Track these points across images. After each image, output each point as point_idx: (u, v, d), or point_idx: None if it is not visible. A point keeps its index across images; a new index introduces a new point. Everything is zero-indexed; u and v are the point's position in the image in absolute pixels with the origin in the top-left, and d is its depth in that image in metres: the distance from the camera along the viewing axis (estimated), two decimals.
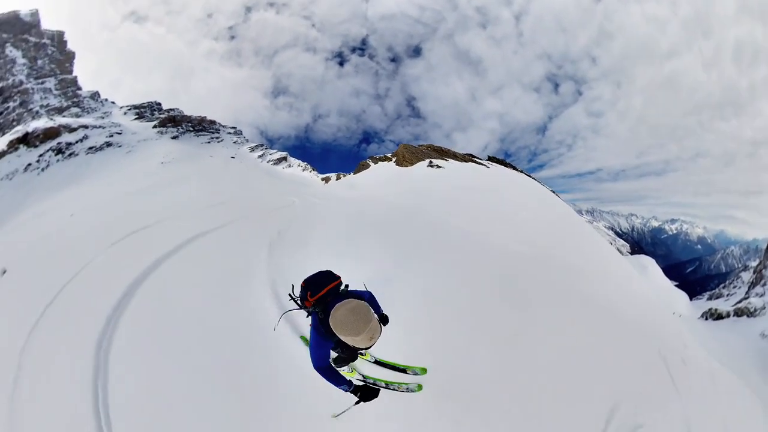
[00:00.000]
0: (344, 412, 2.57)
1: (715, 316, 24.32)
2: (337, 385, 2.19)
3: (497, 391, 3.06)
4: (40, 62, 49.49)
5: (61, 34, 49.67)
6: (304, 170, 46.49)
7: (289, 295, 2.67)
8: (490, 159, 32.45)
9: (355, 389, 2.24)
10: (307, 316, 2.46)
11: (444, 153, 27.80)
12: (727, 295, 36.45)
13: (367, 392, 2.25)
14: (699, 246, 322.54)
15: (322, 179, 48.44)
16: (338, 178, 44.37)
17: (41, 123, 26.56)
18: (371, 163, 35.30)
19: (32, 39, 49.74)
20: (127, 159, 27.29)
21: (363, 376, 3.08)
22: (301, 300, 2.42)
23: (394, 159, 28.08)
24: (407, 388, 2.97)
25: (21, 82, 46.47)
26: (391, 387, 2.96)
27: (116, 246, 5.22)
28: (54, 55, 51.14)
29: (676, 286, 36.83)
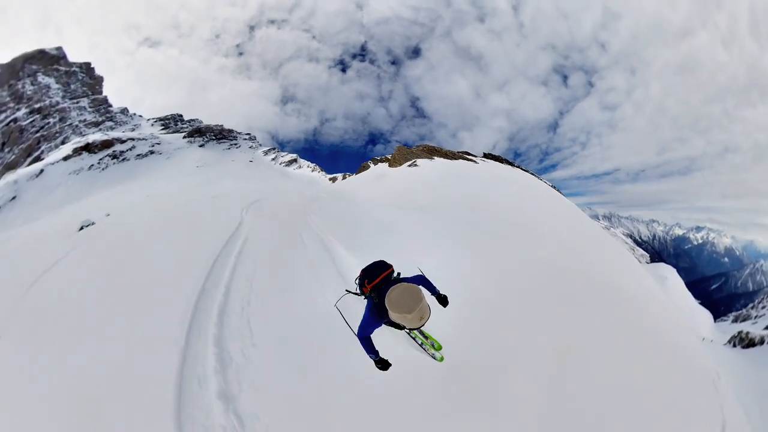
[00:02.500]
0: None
1: (746, 342, 19.27)
2: (368, 353, 2.53)
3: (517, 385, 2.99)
4: (72, 86, 55.29)
5: (88, 63, 55.58)
6: (313, 171, 51.41)
7: (355, 285, 2.98)
8: (486, 156, 32.80)
9: (378, 360, 2.54)
10: (364, 299, 2.78)
11: (436, 152, 29.57)
12: (756, 317, 31.79)
13: (383, 365, 2.54)
14: (726, 259, 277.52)
15: (330, 179, 52.76)
16: (344, 177, 47.72)
17: (98, 136, 32.00)
18: (371, 165, 38.31)
19: (62, 68, 55.57)
20: (167, 163, 32.53)
21: (407, 331, 3.26)
22: (359, 287, 2.77)
23: (387, 161, 31.72)
24: (433, 355, 3.26)
25: (57, 103, 52.20)
26: (424, 347, 3.30)
27: (217, 206, 9.07)
28: (84, 80, 56.95)
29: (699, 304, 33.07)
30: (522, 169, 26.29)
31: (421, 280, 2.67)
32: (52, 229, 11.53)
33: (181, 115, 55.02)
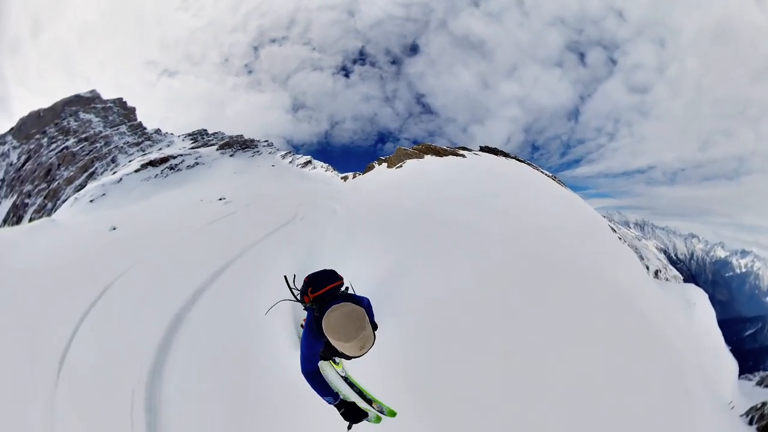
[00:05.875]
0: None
1: (765, 423, 10.06)
2: (322, 396, 2.10)
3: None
4: (110, 118, 63.86)
5: (120, 98, 64.50)
6: (326, 171, 58.23)
7: (287, 283, 2.70)
8: (482, 149, 32.62)
9: (340, 404, 2.12)
10: (304, 309, 2.44)
11: (431, 150, 30.19)
12: None
13: (351, 411, 2.11)
14: None
15: (341, 177, 59.46)
16: (354, 176, 53.43)
17: (157, 154, 39.91)
18: (376, 165, 40.68)
19: (99, 105, 64.19)
20: (209, 171, 40.07)
21: (345, 374, 2.95)
22: (301, 294, 2.43)
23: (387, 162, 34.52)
24: (380, 408, 2.76)
25: (100, 132, 60.64)
26: (367, 399, 2.84)
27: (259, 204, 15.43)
28: (119, 111, 65.45)
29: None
30: (519, 160, 25.08)
31: (368, 303, 2.46)
32: (191, 201, 18.34)
33: (205, 130, 62.82)
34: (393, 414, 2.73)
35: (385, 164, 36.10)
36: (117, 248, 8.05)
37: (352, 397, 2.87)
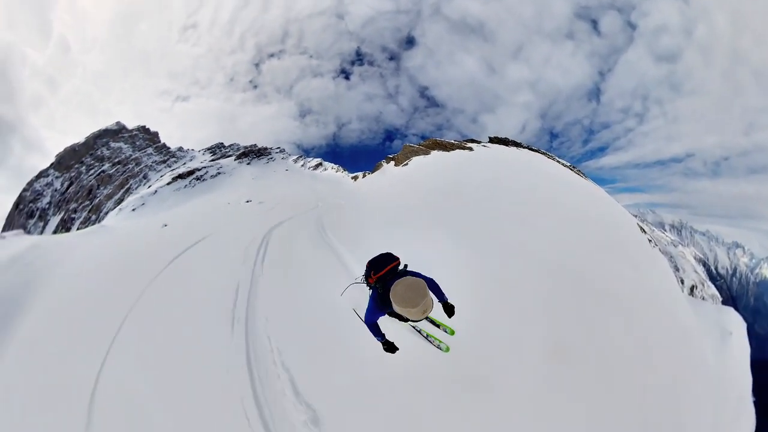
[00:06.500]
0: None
1: None
2: (375, 335, 2.78)
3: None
4: (137, 143, 69.72)
5: (143, 125, 70.24)
6: (337, 171, 60.71)
7: (355, 281, 3.50)
8: (492, 140, 32.00)
9: (384, 342, 2.80)
10: (369, 289, 2.99)
11: (438, 145, 30.06)
12: None
13: (390, 347, 2.81)
14: None
15: (352, 177, 61.26)
16: (364, 175, 54.47)
17: (184, 168, 43.85)
18: (384, 163, 40.26)
19: (125, 134, 69.99)
20: (230, 179, 43.50)
21: (412, 324, 3.50)
22: (365, 278, 2.99)
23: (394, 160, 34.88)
24: (438, 346, 3.43)
25: (131, 155, 66.28)
26: (429, 339, 3.49)
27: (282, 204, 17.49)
28: (144, 137, 71.24)
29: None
30: (532, 149, 23.93)
31: (430, 281, 2.78)
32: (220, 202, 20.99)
33: (222, 143, 67.09)
34: (452, 332, 3.48)
35: (392, 162, 36.69)
36: (176, 234, 10.38)
37: (426, 327, 3.61)
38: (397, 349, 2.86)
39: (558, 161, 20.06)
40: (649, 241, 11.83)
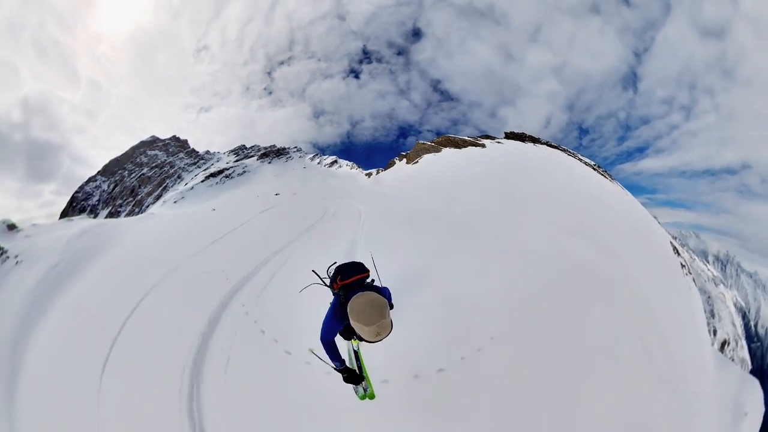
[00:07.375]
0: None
1: None
2: (331, 360, 2.51)
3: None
4: (171, 150, 76.82)
5: (174, 135, 77.60)
6: (351, 168, 64.17)
7: (317, 276, 3.10)
8: (507, 136, 30.68)
9: (344, 369, 2.54)
10: (332, 294, 2.81)
11: (450, 142, 29.84)
12: None
13: (351, 376, 2.55)
14: None
15: (366, 174, 64.37)
16: (377, 172, 57.29)
17: (214, 168, 49.05)
18: (397, 161, 42.46)
19: (159, 143, 77.25)
20: (254, 177, 48.31)
21: (356, 350, 3.28)
22: (330, 281, 2.79)
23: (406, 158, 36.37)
24: (364, 388, 3.09)
25: (166, 160, 73.35)
26: (361, 376, 3.05)
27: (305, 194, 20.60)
28: (176, 145, 78.36)
29: None
30: (551, 145, 22.00)
31: (388, 295, 2.67)
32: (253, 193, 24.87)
33: (244, 145, 72.93)
34: (372, 397, 3.04)
35: (404, 160, 38.43)
36: (227, 214, 13.97)
37: (353, 367, 3.18)
38: (362, 379, 2.68)
39: (581, 159, 18.50)
40: (682, 266, 9.51)
